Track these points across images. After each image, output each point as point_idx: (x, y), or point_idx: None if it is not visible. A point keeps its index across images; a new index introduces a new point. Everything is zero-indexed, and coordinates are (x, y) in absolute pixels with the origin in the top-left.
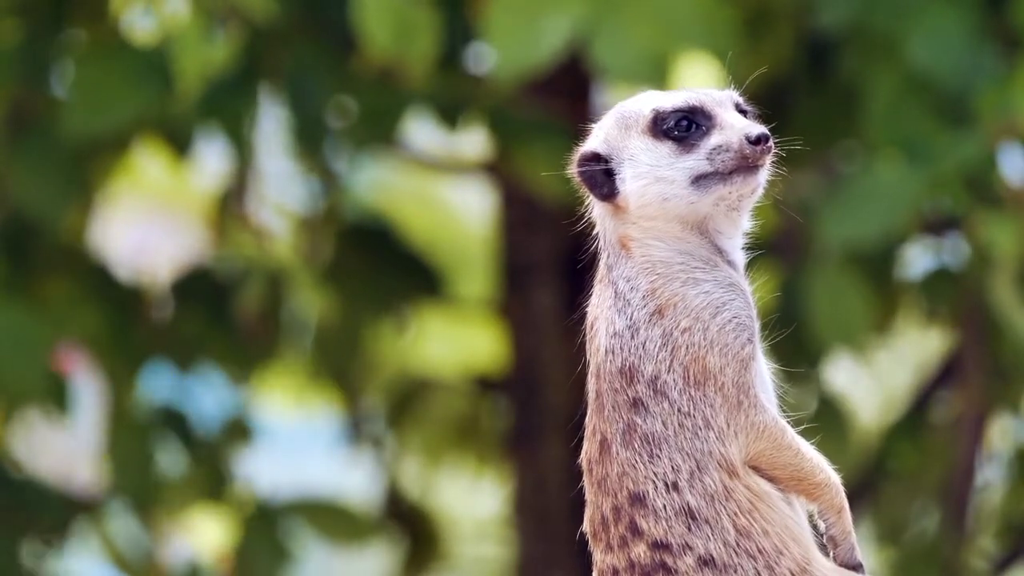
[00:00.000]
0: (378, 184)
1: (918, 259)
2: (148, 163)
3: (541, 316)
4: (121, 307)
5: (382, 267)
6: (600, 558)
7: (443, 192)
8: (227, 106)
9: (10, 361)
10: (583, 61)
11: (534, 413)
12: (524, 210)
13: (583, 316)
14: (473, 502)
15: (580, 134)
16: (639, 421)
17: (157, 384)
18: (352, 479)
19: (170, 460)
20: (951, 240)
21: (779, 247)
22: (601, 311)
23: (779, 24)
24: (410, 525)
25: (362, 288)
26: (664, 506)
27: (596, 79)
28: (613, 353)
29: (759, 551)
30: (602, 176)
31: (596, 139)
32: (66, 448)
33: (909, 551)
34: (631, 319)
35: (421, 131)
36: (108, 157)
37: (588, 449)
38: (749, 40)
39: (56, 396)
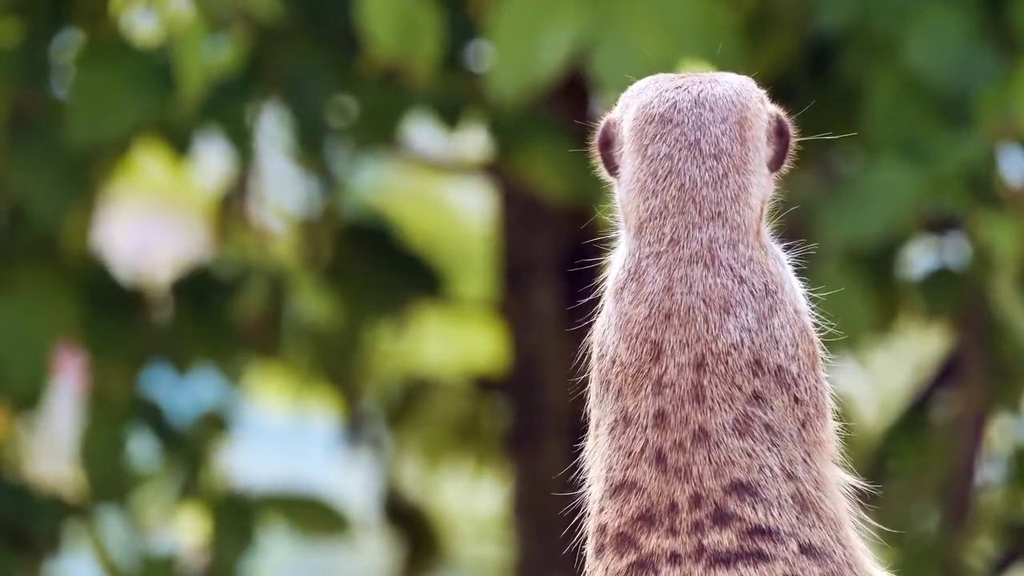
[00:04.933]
0: (379, 184)
1: (919, 259)
2: (149, 163)
3: (541, 316)
4: (119, 306)
5: (382, 267)
6: (656, 543)
7: (443, 192)
8: (228, 108)
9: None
10: (583, 75)
11: (534, 413)
12: (524, 210)
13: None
14: (473, 502)
15: (581, 133)
16: (759, 412)
17: (150, 386)
18: (351, 480)
19: (145, 454)
20: (952, 240)
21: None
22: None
23: (781, 25)
24: (409, 526)
25: (362, 288)
26: (779, 494)
27: (596, 91)
28: (740, 345)
29: (846, 538)
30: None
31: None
32: (59, 450)
33: (909, 551)
34: (756, 310)
35: (422, 131)
36: (109, 158)
37: (666, 439)
38: (750, 41)
39: (32, 393)
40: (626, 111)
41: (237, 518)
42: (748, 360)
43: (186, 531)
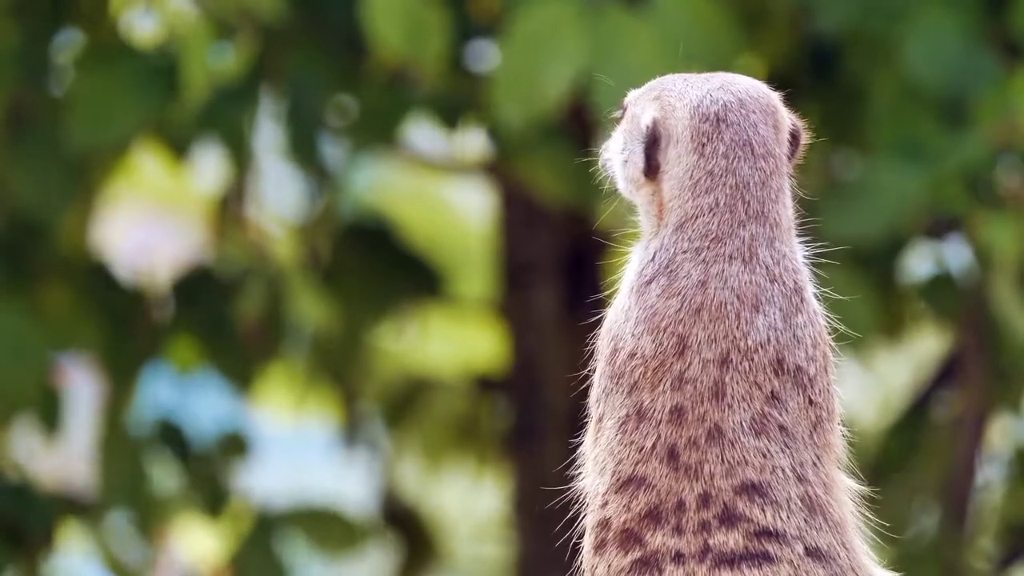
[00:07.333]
0: (378, 184)
1: (920, 262)
2: (149, 165)
3: (541, 316)
4: (121, 310)
5: (382, 267)
6: (661, 541)
7: (443, 192)
8: (228, 112)
9: (6, 368)
10: (585, 107)
11: (534, 413)
12: (524, 210)
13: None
14: (473, 502)
15: (582, 137)
16: (775, 413)
17: (155, 391)
18: (348, 483)
19: (165, 474)
20: (953, 242)
21: None
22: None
23: (777, 26)
24: (406, 528)
25: (362, 288)
26: (789, 496)
27: (596, 118)
28: (766, 344)
29: (851, 541)
30: None
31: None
32: (66, 450)
33: (909, 551)
34: (783, 308)
35: (422, 131)
36: (109, 159)
37: (680, 435)
38: (746, 40)
39: (47, 410)
40: (672, 111)
41: (262, 539)
42: (772, 359)
43: (201, 549)
